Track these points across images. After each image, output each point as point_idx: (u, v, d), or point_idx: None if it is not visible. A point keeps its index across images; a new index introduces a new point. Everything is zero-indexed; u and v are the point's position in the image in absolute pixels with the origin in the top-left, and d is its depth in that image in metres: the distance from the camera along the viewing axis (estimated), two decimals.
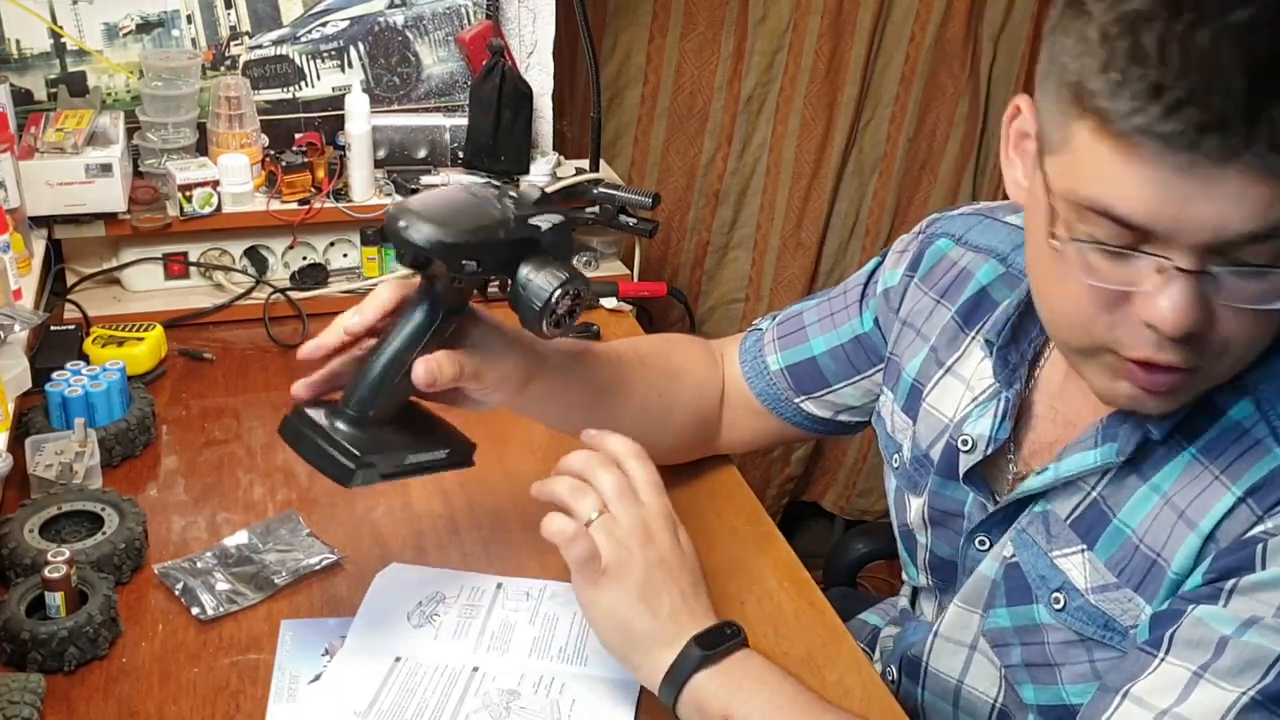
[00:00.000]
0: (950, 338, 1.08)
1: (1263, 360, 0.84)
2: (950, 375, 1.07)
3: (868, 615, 1.36)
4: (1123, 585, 0.89)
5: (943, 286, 1.10)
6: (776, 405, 1.23)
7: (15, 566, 1.07)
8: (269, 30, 1.66)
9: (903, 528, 1.13)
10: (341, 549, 1.16)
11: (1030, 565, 0.96)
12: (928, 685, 1.10)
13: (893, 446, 1.14)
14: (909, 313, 1.13)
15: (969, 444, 1.01)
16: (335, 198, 1.63)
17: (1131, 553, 0.89)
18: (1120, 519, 0.90)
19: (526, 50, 1.78)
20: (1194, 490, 0.85)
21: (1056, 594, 0.94)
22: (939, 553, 1.08)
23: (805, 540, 2.56)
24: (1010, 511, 0.99)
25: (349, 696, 0.99)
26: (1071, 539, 0.93)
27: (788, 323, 1.24)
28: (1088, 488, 0.93)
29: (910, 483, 1.10)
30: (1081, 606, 0.92)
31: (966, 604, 1.04)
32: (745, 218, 2.28)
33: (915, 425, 1.10)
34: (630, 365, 1.18)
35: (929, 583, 1.12)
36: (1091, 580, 0.91)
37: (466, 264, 0.93)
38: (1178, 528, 0.86)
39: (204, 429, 1.37)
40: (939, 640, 1.08)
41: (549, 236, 0.98)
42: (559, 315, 0.98)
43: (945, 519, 1.06)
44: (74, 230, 1.53)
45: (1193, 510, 0.85)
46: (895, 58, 2.19)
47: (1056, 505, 0.95)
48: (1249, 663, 0.78)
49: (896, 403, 1.13)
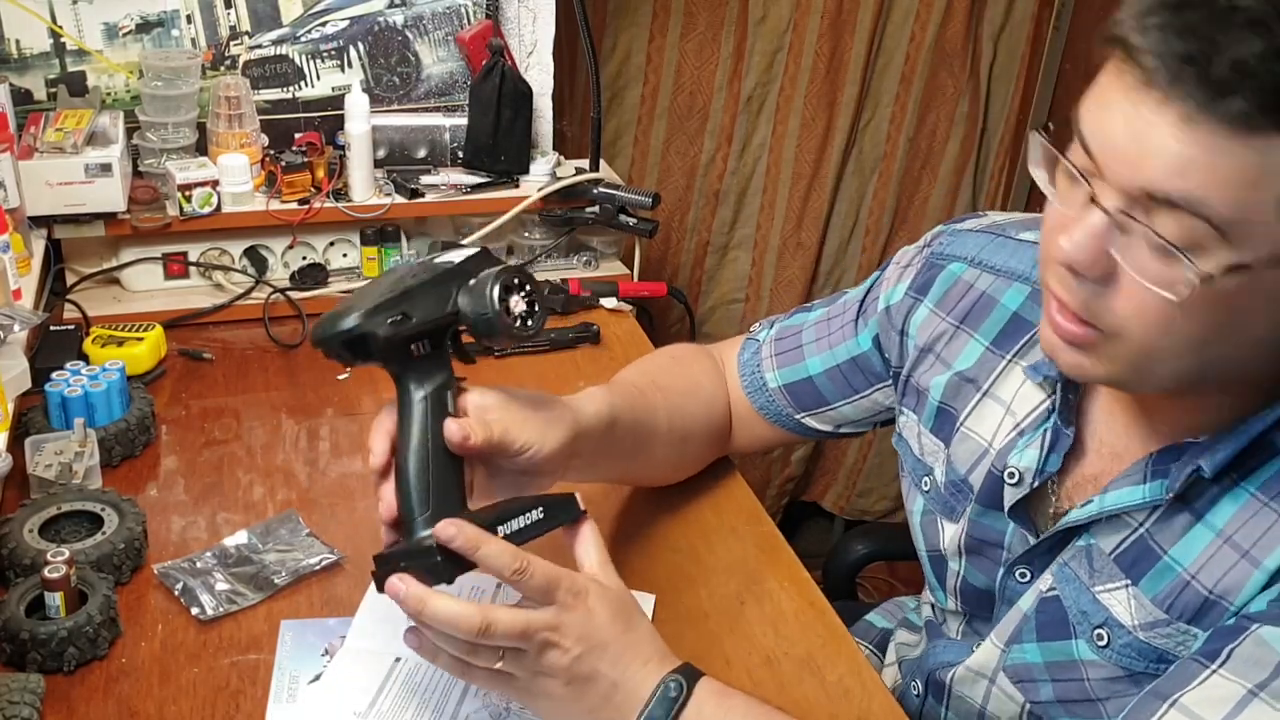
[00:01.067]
0: (983, 362, 1.05)
1: None
2: (989, 398, 1.04)
3: (873, 617, 1.35)
4: (1174, 620, 0.87)
5: (961, 311, 1.07)
6: (778, 419, 1.23)
7: (15, 566, 1.07)
8: (269, 30, 1.66)
9: (933, 552, 1.10)
10: (341, 549, 1.16)
11: (1072, 600, 0.94)
12: (952, 706, 1.09)
13: (922, 470, 1.10)
14: (926, 339, 1.10)
15: (1015, 477, 0.98)
16: (335, 197, 1.62)
17: (1181, 589, 0.87)
18: (1171, 556, 0.88)
19: (526, 50, 1.78)
20: (1256, 528, 0.84)
21: (1100, 630, 0.92)
22: (973, 581, 1.05)
23: (805, 540, 2.56)
24: (1053, 545, 0.96)
25: (348, 697, 0.99)
26: (1115, 574, 0.91)
27: (785, 339, 1.23)
28: (1135, 523, 0.91)
29: (946, 508, 1.07)
30: (1130, 643, 0.90)
31: (997, 639, 1.02)
32: (745, 218, 2.28)
33: (950, 449, 1.07)
34: (652, 398, 1.16)
35: (959, 608, 1.09)
36: (1139, 617, 0.89)
37: (392, 321, 0.90)
38: (1240, 566, 0.84)
39: (204, 429, 1.37)
40: (963, 669, 1.06)
41: (468, 265, 0.96)
42: (520, 314, 0.95)
43: (983, 548, 1.03)
44: (74, 230, 1.53)
45: (1258, 549, 0.83)
46: (895, 57, 2.19)
47: (1101, 540, 0.93)
48: None
49: (923, 424, 1.10)
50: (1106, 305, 0.80)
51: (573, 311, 1.66)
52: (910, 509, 1.13)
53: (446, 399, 0.94)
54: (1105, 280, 0.79)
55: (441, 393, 0.94)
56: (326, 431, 1.39)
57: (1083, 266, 0.79)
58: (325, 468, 1.31)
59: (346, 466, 1.32)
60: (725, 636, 1.09)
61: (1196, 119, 0.71)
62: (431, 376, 0.94)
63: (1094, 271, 0.79)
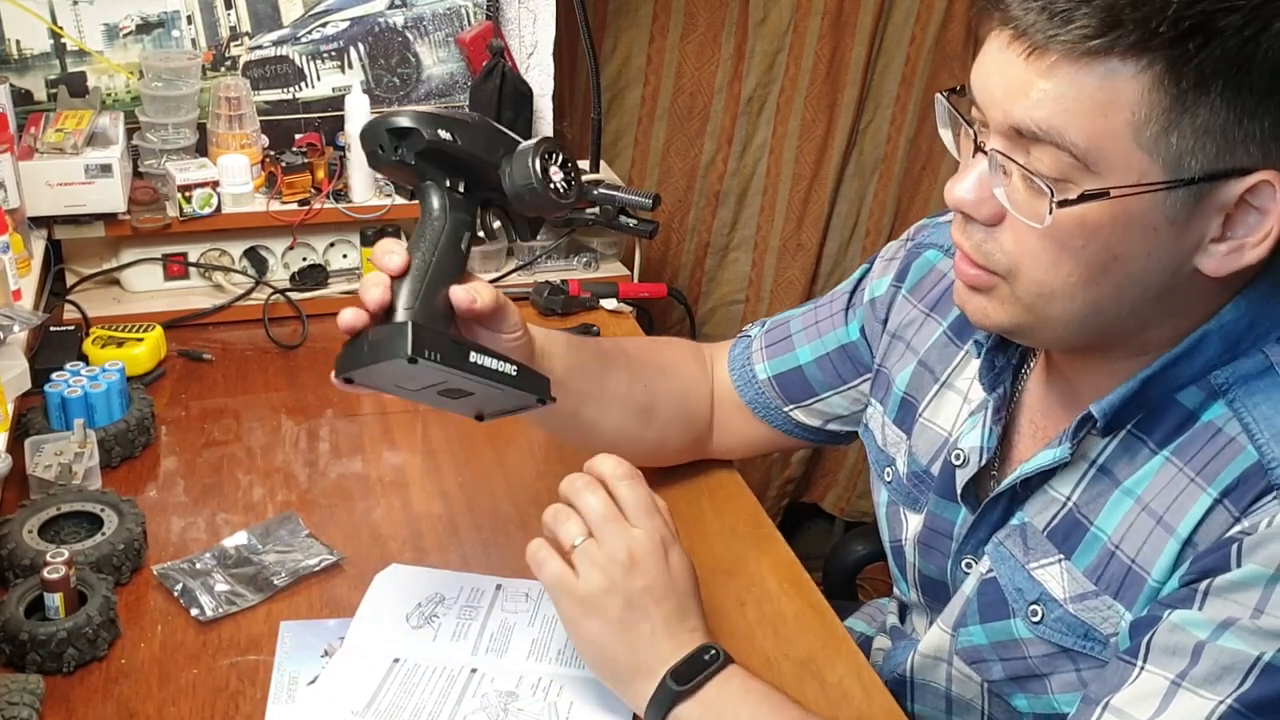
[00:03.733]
0: (942, 351, 1.07)
1: (1233, 362, 0.85)
2: (947, 388, 1.06)
3: (853, 622, 1.34)
4: (1102, 593, 0.89)
5: (932, 299, 1.10)
6: (766, 413, 1.23)
7: (14, 567, 1.07)
8: (269, 31, 1.66)
9: (894, 543, 1.12)
10: (341, 550, 1.16)
11: (1008, 579, 0.95)
12: (916, 697, 1.10)
13: (884, 460, 1.13)
14: (898, 325, 1.12)
15: (960, 458, 1.01)
16: (335, 198, 1.62)
17: (1108, 559, 0.88)
18: (1097, 526, 0.89)
19: (526, 51, 1.78)
20: (1170, 494, 0.85)
21: (1034, 606, 0.93)
22: (926, 572, 1.07)
23: (805, 542, 2.56)
24: (992, 527, 0.98)
25: (347, 697, 0.99)
26: (1049, 549, 0.92)
27: (775, 330, 1.24)
28: (1063, 497, 0.92)
29: (910, 499, 1.09)
30: (1060, 617, 0.91)
31: (943, 623, 1.03)
32: (745, 219, 2.28)
33: (911, 440, 1.09)
34: (615, 358, 1.18)
35: (919, 599, 1.11)
36: (1070, 589, 0.91)
37: (443, 134, 0.94)
38: (1156, 534, 0.85)
39: (203, 430, 1.37)
40: (918, 656, 1.07)
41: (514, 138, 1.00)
42: (559, 185, 0.98)
43: (933, 538, 1.05)
44: (74, 231, 1.53)
45: (1170, 515, 0.84)
46: (896, 59, 2.18)
47: (1034, 518, 0.94)
48: (1226, 668, 0.77)
49: (887, 415, 1.12)
50: (998, 246, 0.84)
51: (573, 313, 1.66)
52: (876, 500, 1.15)
53: (464, 237, 0.97)
54: (996, 223, 0.84)
55: (459, 230, 0.97)
56: (326, 432, 1.39)
57: (969, 207, 0.84)
58: (325, 469, 1.31)
59: (346, 467, 1.32)
60: (725, 638, 1.09)
61: (1046, 50, 0.76)
62: (455, 213, 0.97)
63: (981, 213, 0.84)
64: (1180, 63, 0.74)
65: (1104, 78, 0.75)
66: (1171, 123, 0.75)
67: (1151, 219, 0.78)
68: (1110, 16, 0.74)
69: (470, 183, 0.98)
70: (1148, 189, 0.77)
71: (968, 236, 0.86)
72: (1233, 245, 0.80)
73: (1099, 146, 0.77)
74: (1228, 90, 0.74)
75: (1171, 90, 0.74)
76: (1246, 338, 0.85)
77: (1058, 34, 0.76)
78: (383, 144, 0.95)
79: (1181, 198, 0.78)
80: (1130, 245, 0.80)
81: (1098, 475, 0.90)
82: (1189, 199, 0.78)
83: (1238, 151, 0.76)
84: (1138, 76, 0.75)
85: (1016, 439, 1.00)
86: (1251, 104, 0.75)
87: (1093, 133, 0.76)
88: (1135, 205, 0.78)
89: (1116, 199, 0.77)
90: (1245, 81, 0.74)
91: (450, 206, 0.97)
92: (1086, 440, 0.90)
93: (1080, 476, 0.91)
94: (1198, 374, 0.86)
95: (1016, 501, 0.96)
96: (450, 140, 0.95)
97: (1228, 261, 0.80)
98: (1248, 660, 0.77)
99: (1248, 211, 0.79)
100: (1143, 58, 0.74)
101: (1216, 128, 0.75)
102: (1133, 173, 0.77)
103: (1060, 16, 0.75)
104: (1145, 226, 0.79)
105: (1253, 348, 0.85)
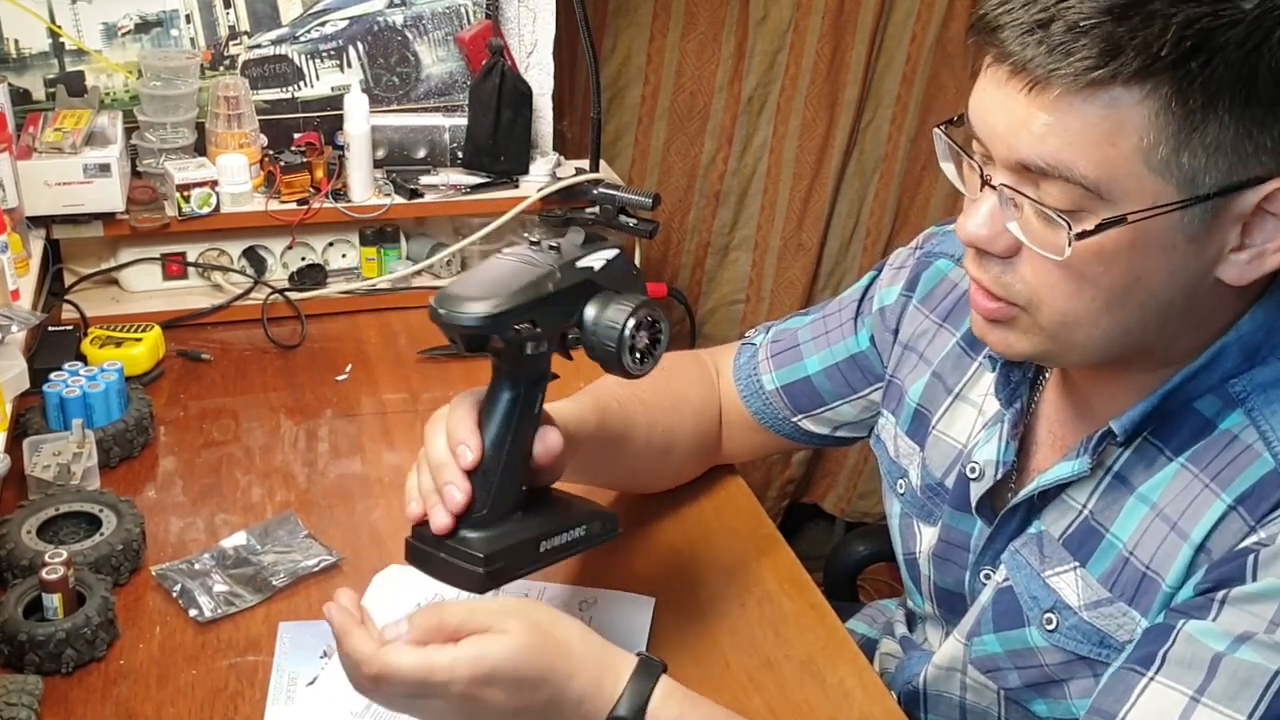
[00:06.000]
0: (956, 362, 1.06)
1: (1250, 370, 0.85)
2: (961, 400, 1.05)
3: (854, 623, 1.33)
4: (1117, 600, 0.88)
5: (944, 309, 1.09)
6: (774, 424, 1.23)
7: (13, 568, 1.07)
8: (268, 30, 1.66)
9: (908, 556, 1.11)
10: (340, 550, 1.16)
11: (1023, 587, 0.95)
12: (930, 709, 1.09)
13: (897, 472, 1.12)
14: (910, 336, 1.11)
15: (976, 471, 1.00)
16: (334, 198, 1.62)
17: (1122, 566, 0.88)
18: (1112, 533, 0.89)
19: (526, 50, 1.78)
20: (1184, 500, 0.85)
21: (1049, 614, 0.92)
22: (943, 585, 1.06)
23: (806, 542, 2.56)
24: (1009, 537, 0.97)
25: (346, 698, 0.98)
26: (1064, 557, 0.92)
27: (782, 340, 1.22)
28: (1079, 505, 0.92)
29: (923, 512, 1.08)
30: (1075, 625, 0.91)
31: (958, 634, 1.03)
32: (746, 219, 2.28)
33: (924, 452, 1.08)
34: (632, 410, 1.14)
35: (935, 611, 1.10)
36: (1085, 597, 0.90)
37: (521, 328, 0.86)
38: (1170, 540, 0.85)
39: (202, 430, 1.37)
40: (933, 669, 1.06)
41: (605, 273, 0.92)
42: (640, 350, 0.91)
43: (949, 551, 1.04)
44: (72, 230, 1.53)
45: (1184, 521, 0.84)
46: (896, 58, 2.18)
47: (1050, 526, 0.94)
48: (1244, 683, 0.77)
49: (900, 427, 1.11)
50: (1017, 278, 0.83)
51: None
52: (889, 512, 1.14)
53: (537, 398, 0.92)
54: (1012, 255, 0.83)
55: (534, 391, 0.91)
56: (325, 433, 1.38)
57: (984, 243, 0.83)
58: (324, 469, 1.31)
59: (345, 468, 1.31)
60: (725, 639, 1.09)
61: (1048, 84, 0.75)
62: (530, 373, 0.91)
63: (996, 247, 0.83)
64: (1185, 83, 0.73)
65: (1108, 106, 0.75)
66: (1181, 143, 0.75)
67: (1170, 238, 0.78)
68: (1111, 45, 0.73)
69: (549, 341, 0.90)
70: (1164, 210, 0.77)
71: (984, 270, 0.85)
72: (1254, 253, 0.80)
73: (1110, 175, 0.76)
74: (1235, 105, 0.74)
75: (1179, 112, 0.74)
76: (1264, 347, 0.85)
77: (1058, 67, 0.74)
78: (455, 342, 0.88)
79: (1198, 214, 0.77)
80: (1151, 266, 0.79)
81: (1114, 483, 0.90)
82: (1206, 214, 0.77)
83: (1250, 163, 0.76)
84: (1143, 102, 0.74)
85: (1033, 449, 0.99)
86: (1260, 115, 0.75)
87: (1101, 162, 0.76)
88: (1153, 227, 0.77)
89: (1134, 224, 0.77)
90: (1251, 94, 0.74)
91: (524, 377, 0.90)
92: (1104, 450, 0.90)
93: (1096, 484, 0.91)
94: (1215, 384, 0.86)
95: (1034, 511, 0.95)
96: (530, 329, 0.87)
97: (1250, 270, 0.80)
98: (1266, 674, 0.77)
99: (1265, 218, 0.78)
100: (1147, 83, 0.74)
101: (1227, 142, 0.75)
102: (1147, 196, 0.76)
103: (1060, 49, 0.74)
104: (1165, 246, 0.78)
105: (1270, 356, 0.85)
